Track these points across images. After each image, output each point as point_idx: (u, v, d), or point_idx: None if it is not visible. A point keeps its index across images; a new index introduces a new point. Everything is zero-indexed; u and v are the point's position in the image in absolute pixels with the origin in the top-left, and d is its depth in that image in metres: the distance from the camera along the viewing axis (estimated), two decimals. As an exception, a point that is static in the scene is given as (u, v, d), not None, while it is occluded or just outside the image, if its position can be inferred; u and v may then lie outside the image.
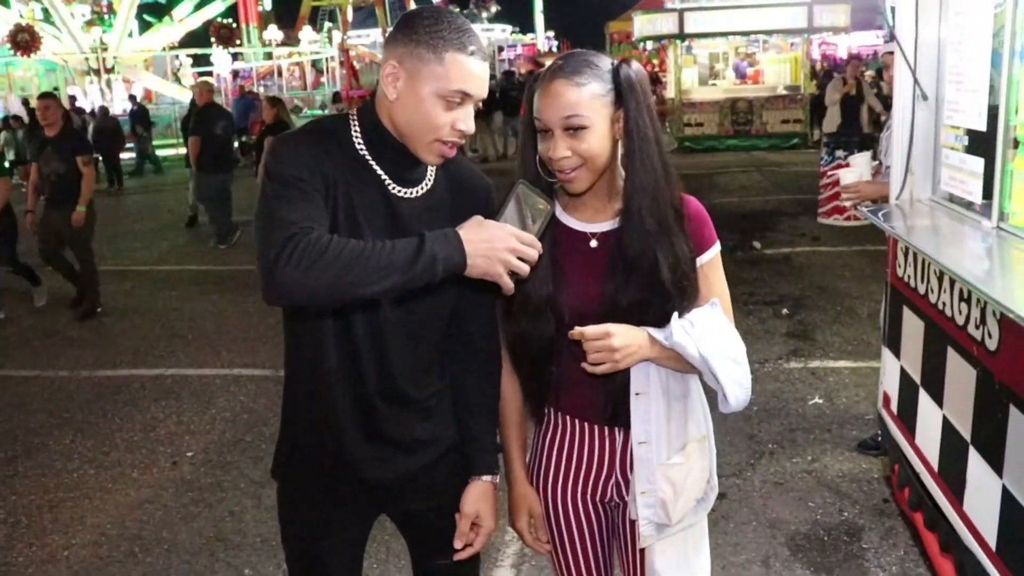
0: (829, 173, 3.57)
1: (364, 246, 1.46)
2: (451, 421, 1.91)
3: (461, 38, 1.59)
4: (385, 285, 1.46)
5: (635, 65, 1.73)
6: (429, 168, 1.75)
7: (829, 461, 4.13)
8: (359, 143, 1.68)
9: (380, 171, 1.68)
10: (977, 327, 2.66)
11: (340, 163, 1.64)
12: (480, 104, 1.66)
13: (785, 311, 6.55)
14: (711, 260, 1.81)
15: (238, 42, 33.80)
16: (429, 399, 1.84)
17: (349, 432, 1.77)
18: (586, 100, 1.66)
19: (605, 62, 1.71)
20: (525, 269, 1.51)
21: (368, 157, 1.68)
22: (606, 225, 1.80)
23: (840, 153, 9.58)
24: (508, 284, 1.52)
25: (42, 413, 5.31)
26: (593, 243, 1.79)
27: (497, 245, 1.49)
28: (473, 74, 1.60)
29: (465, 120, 1.63)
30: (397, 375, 1.76)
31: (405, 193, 1.70)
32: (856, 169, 3.87)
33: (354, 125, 1.70)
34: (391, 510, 1.96)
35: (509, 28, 67.18)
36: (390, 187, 1.68)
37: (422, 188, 1.73)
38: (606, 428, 1.87)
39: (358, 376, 1.74)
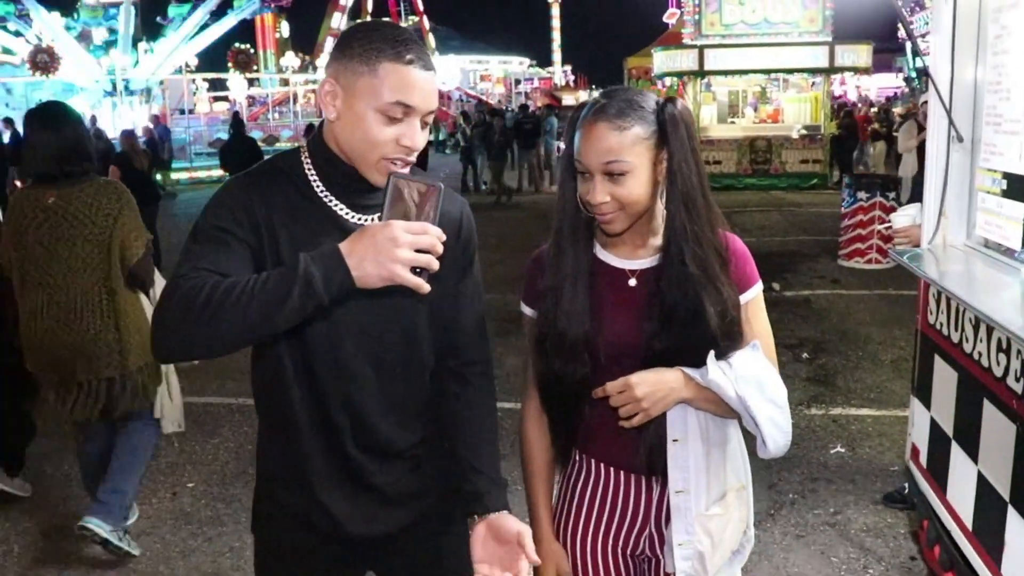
0: (890, 225, 3.49)
1: (237, 282, 1.39)
2: (442, 469, 1.82)
3: (396, 47, 1.51)
4: (264, 320, 1.37)
5: (680, 103, 1.69)
6: None
7: (853, 514, 4.01)
8: (312, 175, 1.61)
9: (334, 201, 1.60)
10: (1018, 379, 2.57)
11: (282, 202, 1.57)
12: (428, 120, 1.58)
13: (805, 355, 6.45)
14: (753, 299, 1.79)
15: (255, 67, 34.11)
16: (414, 447, 1.74)
17: (326, 486, 1.67)
18: (628, 144, 1.63)
19: (650, 101, 1.68)
20: (428, 260, 1.38)
21: (321, 188, 1.61)
22: (646, 262, 1.76)
23: (863, 195, 9.52)
24: (416, 281, 1.38)
25: (42, 438, 5.23)
26: (632, 281, 1.75)
27: (382, 244, 1.36)
28: (411, 84, 1.52)
29: (411, 135, 1.54)
30: (372, 420, 1.66)
31: (364, 220, 1.62)
32: (910, 214, 3.79)
33: (305, 157, 1.63)
34: (379, 567, 1.85)
35: (527, 61, 67.79)
36: (346, 216, 1.60)
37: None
38: (642, 478, 1.80)
39: (328, 423, 1.64)
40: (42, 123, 3.48)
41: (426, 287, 1.39)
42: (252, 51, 33.87)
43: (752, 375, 1.67)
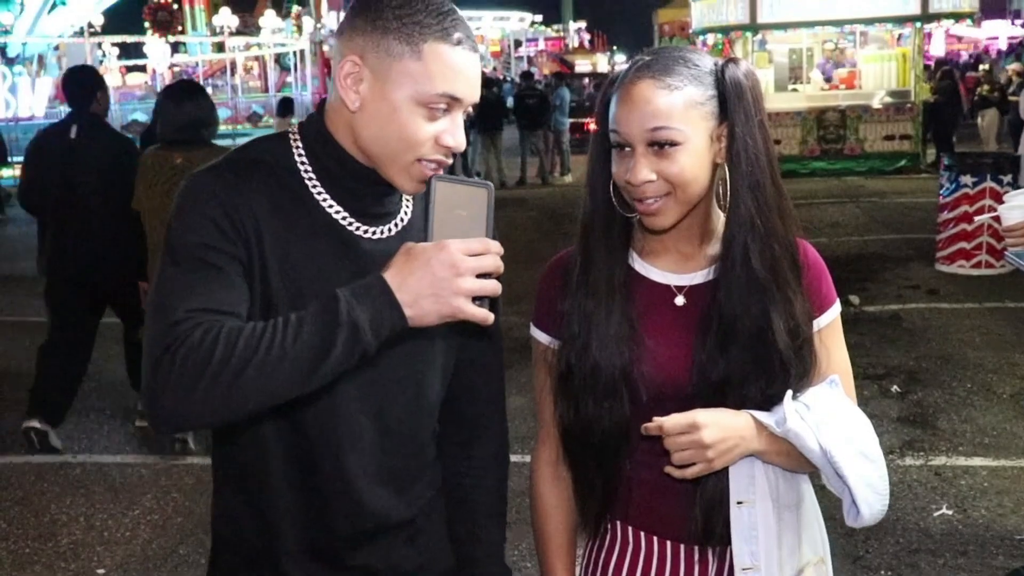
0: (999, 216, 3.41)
1: (262, 336, 1.38)
2: (444, 539, 1.85)
3: (443, 23, 1.53)
4: (300, 379, 1.39)
5: (744, 66, 1.72)
6: (404, 196, 1.68)
7: (966, 596, 3.99)
8: (306, 172, 1.62)
9: (335, 207, 1.61)
10: None
11: (271, 205, 1.57)
12: (470, 111, 1.61)
13: (895, 388, 6.45)
14: (831, 324, 1.81)
15: (179, 29, 34.22)
16: (417, 515, 1.77)
17: (299, 565, 1.68)
18: (680, 109, 1.64)
19: (706, 61, 1.70)
20: (494, 286, 1.41)
21: (318, 190, 1.61)
22: (697, 277, 1.77)
23: (968, 179, 9.51)
24: (482, 314, 1.42)
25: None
26: (680, 300, 1.76)
27: (440, 273, 1.38)
28: (461, 71, 1.55)
29: (453, 132, 1.57)
30: (367, 486, 1.68)
31: (372, 233, 1.63)
32: (1022, 205, 3.74)
33: (296, 147, 1.64)
34: None
35: (529, 17, 68.14)
36: (350, 227, 1.62)
37: (396, 224, 1.67)
38: (694, 549, 1.80)
39: (310, 486, 1.66)
40: (172, 96, 5.47)
41: (491, 317, 1.43)
42: (176, 7, 34.04)
43: (836, 421, 1.68)
